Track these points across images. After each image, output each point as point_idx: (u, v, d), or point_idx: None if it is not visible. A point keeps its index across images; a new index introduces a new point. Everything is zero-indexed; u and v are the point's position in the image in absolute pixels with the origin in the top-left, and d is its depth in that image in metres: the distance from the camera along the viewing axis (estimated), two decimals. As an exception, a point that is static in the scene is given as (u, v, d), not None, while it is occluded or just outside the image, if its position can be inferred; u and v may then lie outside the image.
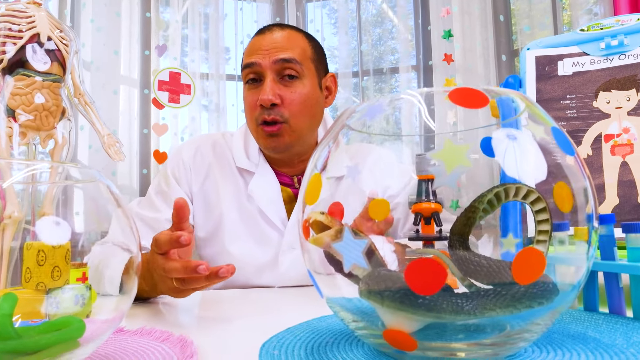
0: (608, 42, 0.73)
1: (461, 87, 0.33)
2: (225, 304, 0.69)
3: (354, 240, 0.32)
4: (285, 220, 0.95)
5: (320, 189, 0.36)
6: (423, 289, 0.30)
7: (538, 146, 0.36)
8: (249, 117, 0.95)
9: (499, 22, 2.15)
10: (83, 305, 0.43)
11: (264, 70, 0.91)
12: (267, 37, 0.93)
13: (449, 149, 0.30)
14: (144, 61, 2.10)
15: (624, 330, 0.43)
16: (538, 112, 0.36)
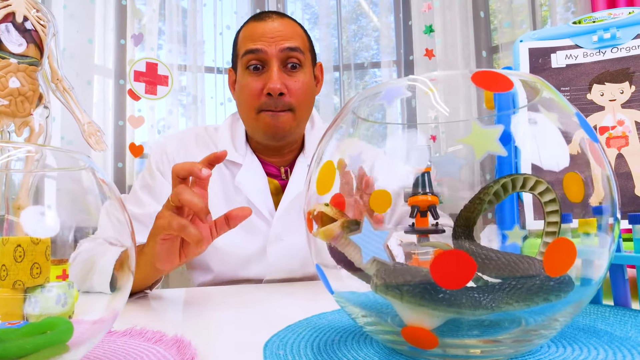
0: (601, 35, 0.73)
1: (484, 70, 0.31)
2: (216, 300, 0.67)
3: (375, 231, 0.29)
4: (272, 211, 0.95)
5: (334, 177, 0.34)
6: (450, 282, 0.28)
7: (560, 133, 0.34)
8: (248, 104, 0.92)
9: (479, 18, 2.17)
10: (65, 305, 0.40)
11: (269, 58, 0.90)
12: (270, 24, 0.91)
13: (477, 134, 0.28)
14: (119, 51, 2.02)
15: (633, 322, 0.42)
16: (559, 97, 0.34)
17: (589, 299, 0.34)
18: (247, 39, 0.92)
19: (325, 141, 0.38)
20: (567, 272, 0.30)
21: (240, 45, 0.94)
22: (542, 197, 0.40)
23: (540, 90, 0.36)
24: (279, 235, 0.93)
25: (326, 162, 0.35)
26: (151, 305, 0.63)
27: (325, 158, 0.37)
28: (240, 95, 0.93)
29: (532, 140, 0.37)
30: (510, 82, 0.32)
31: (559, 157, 0.35)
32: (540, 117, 0.36)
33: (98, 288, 0.54)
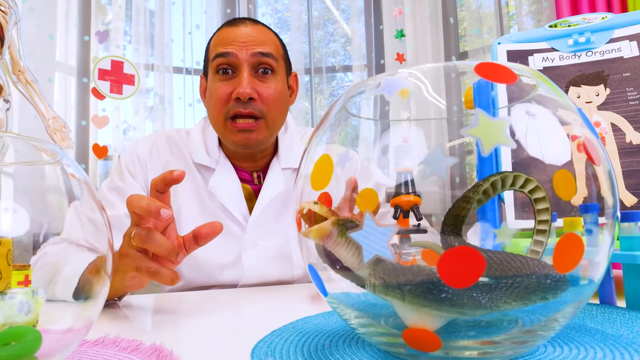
0: (576, 39, 0.75)
1: (487, 62, 0.30)
2: (191, 306, 0.63)
3: (378, 228, 0.28)
4: (247, 216, 0.92)
5: (332, 171, 0.32)
6: (458, 281, 0.27)
7: (556, 127, 0.34)
8: (217, 110, 0.88)
9: (449, 24, 2.20)
10: (30, 314, 0.36)
11: (240, 62, 0.87)
12: (242, 29, 0.89)
13: (485, 125, 0.27)
14: (82, 47, 1.94)
15: (622, 320, 0.42)
16: (559, 91, 0.34)
17: (588, 298, 0.34)
18: (219, 43, 0.89)
19: (318, 135, 0.36)
20: (576, 267, 0.29)
21: (212, 49, 0.91)
22: (532, 195, 0.39)
23: (538, 86, 0.35)
24: (254, 241, 0.90)
25: (322, 156, 0.33)
26: (122, 313, 0.60)
27: (319, 152, 0.35)
28: (210, 100, 0.90)
29: (524, 136, 0.36)
30: (514, 74, 0.31)
31: (552, 153, 0.35)
32: (536, 113, 0.35)
33: (61, 296, 0.50)
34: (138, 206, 0.54)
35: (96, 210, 0.36)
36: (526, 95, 0.36)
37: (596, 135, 0.33)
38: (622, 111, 0.67)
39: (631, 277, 0.45)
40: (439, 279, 0.31)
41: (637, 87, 0.68)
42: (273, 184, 0.93)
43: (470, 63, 0.31)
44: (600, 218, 0.35)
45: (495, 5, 2.11)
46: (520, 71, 0.33)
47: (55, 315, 0.36)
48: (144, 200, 0.55)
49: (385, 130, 0.48)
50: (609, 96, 0.69)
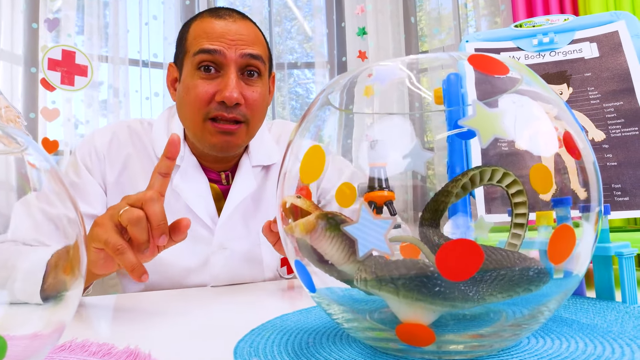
0: (540, 39, 0.77)
1: (479, 54, 0.30)
2: (162, 306, 0.61)
3: (374, 221, 0.27)
4: (215, 218, 0.87)
5: (324, 162, 0.31)
6: (456, 274, 0.26)
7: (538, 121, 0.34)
8: (195, 109, 0.80)
9: (409, 23, 2.24)
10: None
11: (227, 62, 0.79)
12: (231, 25, 0.81)
13: (483, 116, 0.27)
14: (30, 35, 1.83)
15: (594, 310, 0.44)
16: (545, 86, 0.34)
17: (571, 291, 0.34)
18: (203, 36, 0.80)
19: (305, 127, 0.35)
20: (568, 257, 0.29)
21: (193, 41, 0.82)
22: (510, 189, 0.39)
23: (522, 79, 0.35)
24: (223, 244, 0.86)
25: (312, 147, 0.32)
26: (89, 314, 0.56)
27: (306, 144, 0.34)
28: (185, 97, 0.82)
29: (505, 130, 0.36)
30: (505, 67, 0.31)
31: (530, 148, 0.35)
32: (521, 105, 0.36)
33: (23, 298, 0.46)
34: (151, 211, 0.53)
35: (57, 205, 0.33)
36: (501, 89, 0.37)
37: (581, 127, 0.34)
38: (584, 110, 0.70)
39: (601, 269, 0.47)
40: (432, 272, 0.31)
41: (597, 86, 0.71)
42: (243, 183, 0.88)
43: (434, 56, 0.31)
44: (580, 212, 0.36)
45: (453, 7, 2.16)
46: (508, 64, 0.34)
47: (20, 319, 0.33)
48: (160, 211, 0.54)
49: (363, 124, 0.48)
50: (572, 95, 0.72)
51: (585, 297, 0.48)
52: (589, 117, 0.69)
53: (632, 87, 0.68)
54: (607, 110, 0.69)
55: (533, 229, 0.41)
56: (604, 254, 0.46)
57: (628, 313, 0.42)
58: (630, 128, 0.66)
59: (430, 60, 0.41)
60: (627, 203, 0.60)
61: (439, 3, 2.18)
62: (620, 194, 0.62)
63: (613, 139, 0.66)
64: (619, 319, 0.40)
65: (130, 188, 0.86)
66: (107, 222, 0.54)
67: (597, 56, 0.74)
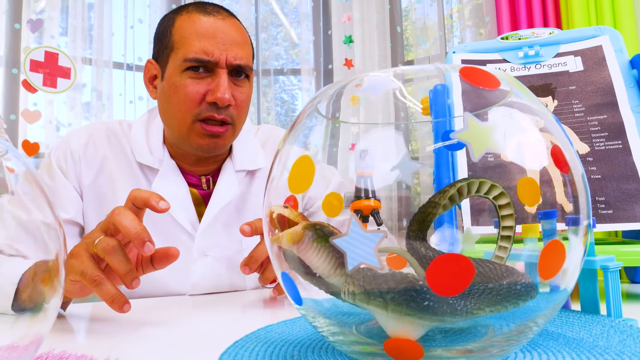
0: (526, 52, 0.78)
1: (470, 67, 0.30)
2: (140, 316, 0.59)
3: (365, 234, 0.27)
4: (196, 224, 0.85)
5: (313, 173, 0.31)
6: (447, 289, 0.26)
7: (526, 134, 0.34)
8: (184, 109, 0.79)
9: (395, 32, 2.25)
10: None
11: (218, 67, 0.78)
12: (221, 26, 0.80)
13: (475, 129, 0.27)
14: (12, 36, 1.79)
15: (579, 323, 0.44)
16: (535, 99, 0.34)
17: (560, 305, 0.34)
18: (192, 36, 0.78)
19: (294, 135, 0.35)
20: (558, 273, 0.29)
21: (180, 39, 0.79)
22: (497, 201, 0.39)
23: (511, 92, 0.35)
24: (204, 250, 0.84)
25: (302, 157, 0.31)
26: (66, 324, 0.54)
27: (294, 154, 0.33)
28: (173, 97, 0.80)
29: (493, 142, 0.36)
30: (497, 80, 0.31)
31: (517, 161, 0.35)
32: (510, 118, 0.36)
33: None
34: (121, 225, 0.51)
35: (36, 212, 0.32)
36: (488, 101, 0.37)
37: (569, 140, 0.34)
38: (569, 122, 0.71)
39: (586, 282, 0.47)
40: (421, 286, 0.30)
41: (582, 99, 0.72)
42: (226, 188, 0.87)
43: (457, 66, 0.31)
44: (570, 225, 0.36)
45: (439, 17, 2.19)
46: (499, 77, 0.34)
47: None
48: (130, 221, 0.51)
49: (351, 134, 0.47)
50: (557, 108, 0.73)
51: (571, 310, 0.48)
52: (574, 129, 0.70)
53: (616, 101, 0.69)
54: (591, 124, 0.69)
55: (519, 240, 0.41)
56: (588, 267, 0.46)
57: (613, 327, 0.42)
58: (613, 141, 0.67)
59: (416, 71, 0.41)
60: (610, 216, 0.61)
61: (425, 13, 2.21)
62: (604, 207, 0.62)
63: (597, 152, 0.67)
64: (604, 332, 0.41)
65: (107, 190, 0.84)
66: (83, 253, 0.52)
67: (581, 70, 0.75)
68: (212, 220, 0.84)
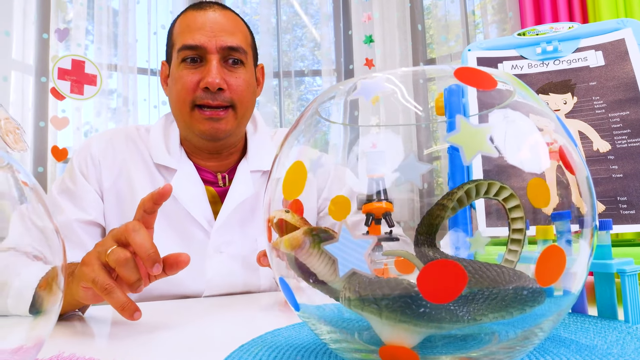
0: (544, 48, 0.76)
1: (467, 67, 0.29)
2: (153, 319, 0.60)
3: (355, 240, 0.26)
4: (212, 221, 0.87)
5: (305, 179, 0.30)
6: (440, 296, 0.25)
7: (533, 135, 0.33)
8: (181, 99, 0.83)
9: (416, 30, 2.23)
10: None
11: (209, 53, 0.83)
12: (210, 16, 0.84)
13: (467, 132, 0.26)
14: (41, 45, 1.86)
15: (595, 329, 0.42)
16: (537, 98, 0.33)
17: (567, 310, 0.33)
18: (185, 30, 0.84)
19: (290, 141, 0.34)
20: (558, 280, 0.28)
21: (177, 36, 0.85)
22: (507, 204, 0.38)
23: (514, 93, 0.34)
24: (219, 248, 0.85)
25: (295, 163, 0.31)
26: (77, 328, 0.56)
27: (291, 158, 0.33)
28: (173, 88, 0.85)
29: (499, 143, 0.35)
30: (494, 80, 0.30)
31: (526, 162, 0.34)
32: (514, 119, 0.35)
33: (14, 311, 0.46)
34: (135, 242, 0.51)
35: (46, 219, 0.33)
36: (499, 101, 0.36)
37: (574, 142, 0.32)
38: (589, 119, 0.68)
39: (603, 286, 0.45)
40: (417, 292, 0.30)
41: (603, 96, 0.69)
42: (241, 187, 0.88)
43: (440, 68, 0.30)
44: (576, 226, 0.34)
45: (462, 14, 2.15)
46: (498, 77, 0.33)
47: (5, 332, 0.33)
48: (143, 240, 0.52)
49: (357, 136, 0.47)
50: (577, 104, 0.70)
51: (587, 315, 0.47)
52: (594, 127, 0.68)
53: (639, 97, 0.67)
54: (613, 120, 0.67)
55: (532, 242, 0.40)
56: (605, 271, 0.44)
57: (630, 334, 0.40)
58: (636, 139, 0.64)
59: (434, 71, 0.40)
60: (633, 216, 0.59)
61: (447, 10, 2.17)
62: (626, 207, 0.60)
63: (619, 149, 0.64)
64: (620, 339, 0.39)
65: (127, 192, 0.87)
66: (95, 262, 0.53)
67: (602, 65, 0.72)
68: (228, 218, 0.86)
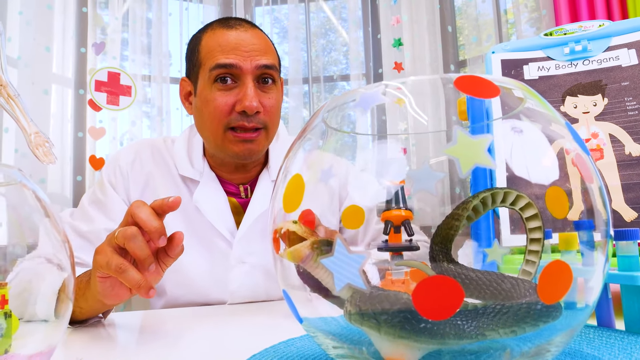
0: (572, 47, 0.73)
1: (467, 75, 0.29)
2: (174, 326, 0.61)
3: (349, 255, 0.26)
4: (234, 232, 0.88)
5: (303, 193, 0.30)
6: (434, 312, 0.24)
7: (545, 143, 0.32)
8: (215, 120, 0.83)
9: (446, 32, 2.19)
10: (1, 337, 0.35)
11: (244, 73, 0.82)
12: (243, 36, 0.83)
13: (464, 144, 0.25)
14: (79, 59, 1.94)
15: (620, 345, 0.40)
16: (547, 105, 0.32)
17: (582, 324, 0.31)
18: (216, 49, 0.82)
19: (293, 153, 0.34)
20: (563, 297, 0.26)
21: (207, 54, 0.84)
22: (524, 213, 0.37)
23: (525, 99, 0.33)
24: (241, 258, 0.87)
25: (294, 176, 0.31)
26: (102, 333, 0.57)
27: (293, 171, 0.33)
28: (204, 110, 0.84)
29: (514, 151, 0.34)
30: (496, 87, 0.29)
31: (543, 170, 0.33)
32: (524, 127, 0.33)
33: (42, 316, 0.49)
34: (139, 217, 0.54)
35: (59, 231, 0.35)
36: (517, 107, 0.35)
37: (586, 150, 0.31)
38: (621, 122, 0.65)
39: (630, 299, 0.43)
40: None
41: (636, 96, 0.66)
42: (262, 197, 0.89)
43: (453, 76, 0.29)
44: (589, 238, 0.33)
45: (494, 13, 2.10)
46: (507, 84, 0.32)
47: (21, 339, 0.35)
48: (147, 215, 0.54)
49: (373, 143, 0.47)
50: (607, 106, 0.67)
51: (614, 329, 0.44)
52: (626, 129, 0.65)
53: (675, 96, 0.63)
54: (647, 122, 0.64)
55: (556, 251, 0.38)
56: (633, 284, 0.42)
57: (658, 350, 0.38)
58: (672, 141, 0.61)
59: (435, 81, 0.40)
60: (667, 223, 0.55)
61: (479, 10, 2.13)
62: (660, 214, 0.57)
63: (653, 152, 0.61)
64: (646, 356, 0.37)
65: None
66: (106, 248, 0.55)
67: (636, 63, 0.69)
68: (249, 228, 0.87)
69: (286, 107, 2.28)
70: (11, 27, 1.71)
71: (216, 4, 2.25)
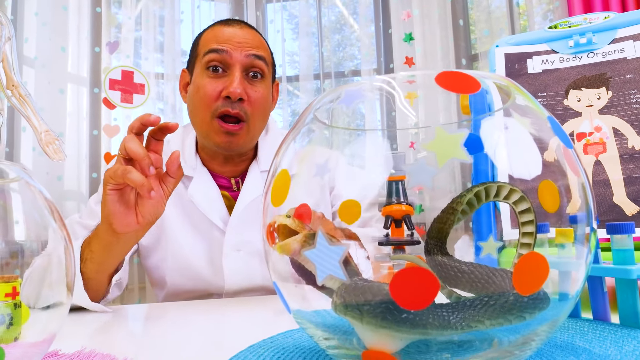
0: (577, 40, 0.72)
1: (449, 71, 0.29)
2: (172, 317, 0.63)
3: (330, 247, 0.27)
4: (226, 221, 0.93)
5: (289, 187, 0.31)
6: (411, 303, 0.25)
7: (532, 138, 0.32)
8: (204, 107, 0.87)
9: (458, 26, 2.17)
10: (10, 326, 0.36)
11: (233, 61, 0.87)
12: (237, 29, 0.89)
13: (441, 139, 0.26)
14: (93, 59, 1.97)
15: (613, 338, 0.40)
16: (533, 101, 0.32)
17: (566, 315, 0.32)
18: (212, 40, 0.89)
19: (284, 148, 0.35)
20: (539, 289, 0.27)
21: (202, 45, 0.90)
22: (517, 207, 0.37)
23: (512, 94, 0.34)
24: (236, 246, 0.91)
25: (281, 171, 0.32)
26: (104, 324, 0.59)
27: (282, 166, 0.34)
28: (195, 96, 0.89)
29: (503, 146, 0.35)
30: (477, 82, 0.29)
31: (532, 165, 0.33)
32: (512, 123, 0.34)
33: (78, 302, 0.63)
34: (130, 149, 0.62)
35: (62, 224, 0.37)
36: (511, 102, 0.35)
37: (569, 145, 0.31)
38: (625, 115, 0.65)
39: (625, 292, 0.43)
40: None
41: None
42: (252, 186, 0.93)
43: (433, 72, 0.30)
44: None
45: (507, 6, 2.07)
46: (484, 78, 0.32)
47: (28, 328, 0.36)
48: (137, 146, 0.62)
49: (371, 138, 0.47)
50: (611, 99, 0.67)
51: (608, 323, 0.44)
52: (630, 122, 0.64)
53: (680, 89, 0.62)
54: (651, 115, 0.63)
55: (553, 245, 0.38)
56: (627, 277, 0.42)
57: (648, 343, 0.38)
58: (676, 134, 0.60)
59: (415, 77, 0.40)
60: (668, 217, 0.55)
61: (490, 3, 2.10)
62: (662, 207, 0.56)
63: (656, 146, 0.61)
64: (637, 350, 0.37)
65: None
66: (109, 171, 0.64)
67: (641, 56, 0.68)
68: (241, 216, 0.91)
69: (298, 102, 2.29)
70: (28, 28, 1.75)
71: (228, 2, 2.27)
